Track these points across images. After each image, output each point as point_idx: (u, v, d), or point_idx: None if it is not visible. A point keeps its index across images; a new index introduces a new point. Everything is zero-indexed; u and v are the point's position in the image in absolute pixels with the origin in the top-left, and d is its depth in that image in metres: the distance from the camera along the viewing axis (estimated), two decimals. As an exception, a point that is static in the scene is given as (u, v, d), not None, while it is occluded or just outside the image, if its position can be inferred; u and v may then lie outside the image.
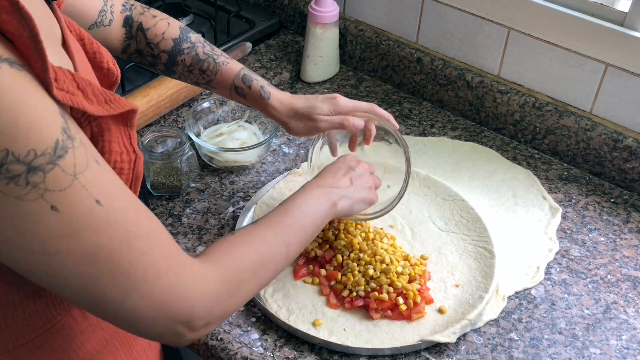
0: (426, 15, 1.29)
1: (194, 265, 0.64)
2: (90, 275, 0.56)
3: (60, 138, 0.51)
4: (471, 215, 1.04)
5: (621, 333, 0.92)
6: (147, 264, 0.58)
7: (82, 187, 0.53)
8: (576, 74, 1.15)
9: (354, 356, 0.87)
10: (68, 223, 0.53)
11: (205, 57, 0.97)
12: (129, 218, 0.57)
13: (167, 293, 0.60)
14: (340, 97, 0.97)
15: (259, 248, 0.74)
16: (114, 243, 0.56)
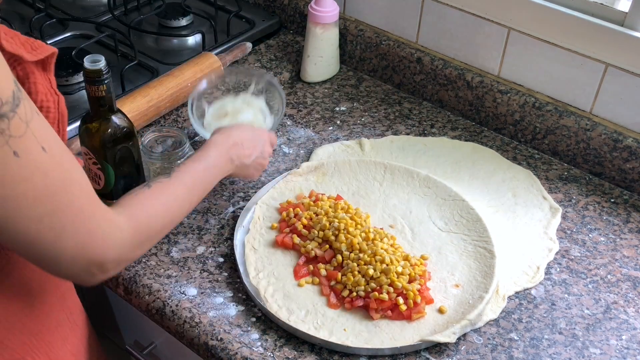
0: (426, 15, 1.29)
1: (111, 214, 0.69)
2: (35, 218, 0.60)
3: (14, 89, 0.56)
4: (471, 215, 1.04)
5: (621, 333, 0.92)
6: (78, 207, 0.63)
7: (32, 135, 0.57)
8: (576, 74, 1.15)
9: (354, 356, 0.87)
10: (25, 167, 0.57)
11: None
12: (65, 164, 0.62)
13: (88, 237, 0.65)
14: None
15: (171, 208, 0.81)
16: (57, 185, 0.61)
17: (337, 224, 0.99)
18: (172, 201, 0.81)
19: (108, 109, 0.90)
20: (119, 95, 1.20)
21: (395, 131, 1.24)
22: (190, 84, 1.22)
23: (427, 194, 1.09)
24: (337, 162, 1.13)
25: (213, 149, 0.92)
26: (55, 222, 0.62)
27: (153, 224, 0.77)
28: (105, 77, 0.85)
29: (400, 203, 1.07)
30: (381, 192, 1.09)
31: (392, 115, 1.28)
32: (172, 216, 0.81)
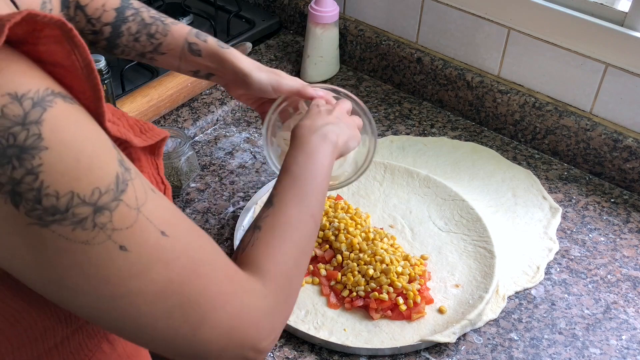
0: (426, 15, 1.29)
1: (250, 283, 0.59)
2: (161, 313, 0.51)
3: (119, 171, 0.47)
4: (471, 215, 1.04)
5: (621, 333, 0.92)
6: (214, 291, 0.54)
7: (146, 220, 0.49)
8: (576, 74, 1.15)
9: (354, 356, 0.87)
10: (138, 261, 0.49)
11: (152, 21, 0.91)
12: (193, 245, 0.53)
13: (235, 319, 0.56)
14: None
15: (294, 237, 0.67)
16: (183, 274, 0.52)
17: (337, 224, 0.99)
18: (292, 232, 0.68)
19: (108, 109, 0.90)
20: (119, 95, 1.20)
21: (395, 131, 1.24)
22: (190, 84, 1.22)
23: (427, 194, 1.09)
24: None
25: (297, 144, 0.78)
26: (191, 314, 0.52)
27: (288, 269, 0.64)
28: (105, 77, 0.85)
29: (400, 203, 1.07)
30: (381, 192, 1.09)
31: (392, 115, 1.28)
32: (299, 246, 0.68)
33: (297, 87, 0.91)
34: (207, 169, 1.14)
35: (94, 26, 0.89)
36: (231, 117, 1.26)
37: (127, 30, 0.89)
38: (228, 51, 0.90)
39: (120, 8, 0.90)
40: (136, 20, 0.90)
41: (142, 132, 0.56)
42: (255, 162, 1.16)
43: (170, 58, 0.91)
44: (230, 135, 1.22)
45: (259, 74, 0.90)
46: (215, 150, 1.18)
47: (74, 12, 0.89)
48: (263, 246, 0.65)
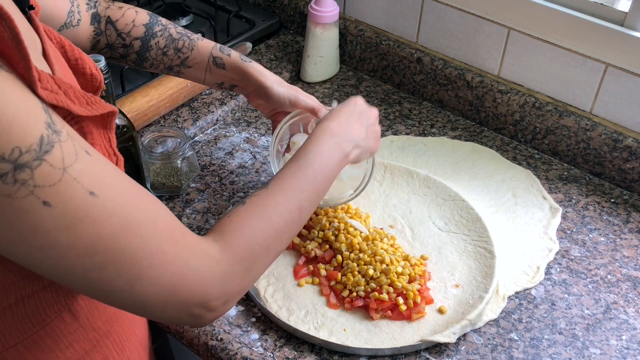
0: (426, 15, 1.29)
1: (203, 247, 0.63)
2: (94, 266, 0.56)
3: (45, 133, 0.51)
4: (471, 215, 1.04)
5: (621, 333, 0.92)
6: (152, 250, 0.58)
7: (73, 180, 0.53)
8: (576, 74, 1.15)
9: (354, 356, 0.87)
10: (63, 217, 0.53)
11: (179, 36, 0.98)
12: (128, 205, 0.57)
13: (176, 277, 0.60)
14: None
15: (272, 219, 0.71)
16: (114, 233, 0.55)
17: (337, 224, 0.99)
18: (270, 212, 0.71)
19: (108, 109, 0.90)
20: (119, 95, 1.20)
21: (395, 131, 1.24)
22: (190, 83, 1.22)
23: (427, 194, 1.09)
24: (337, 162, 1.13)
25: (311, 142, 0.82)
26: (125, 270, 0.57)
27: (254, 244, 0.68)
28: (105, 77, 0.85)
29: (400, 203, 1.07)
30: (381, 192, 1.09)
31: (392, 115, 1.28)
32: (275, 230, 0.71)
33: (312, 105, 0.97)
34: (207, 169, 1.14)
35: (124, 40, 0.96)
36: (231, 117, 1.26)
37: (155, 45, 0.97)
38: (250, 65, 0.97)
39: (149, 24, 0.97)
40: (164, 35, 0.97)
41: (88, 104, 0.59)
42: (255, 162, 1.16)
43: (196, 71, 0.99)
44: (230, 135, 1.22)
45: (279, 88, 0.97)
46: (215, 150, 1.18)
47: (105, 26, 0.96)
48: (236, 218, 0.70)
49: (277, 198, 0.73)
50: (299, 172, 0.78)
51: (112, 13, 0.96)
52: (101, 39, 0.96)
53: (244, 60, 0.97)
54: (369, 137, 0.90)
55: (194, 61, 0.98)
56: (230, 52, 0.98)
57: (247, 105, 1.28)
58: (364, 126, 0.89)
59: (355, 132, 0.87)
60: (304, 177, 0.77)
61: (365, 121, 0.90)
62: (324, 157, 0.80)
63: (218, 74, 0.98)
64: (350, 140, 0.85)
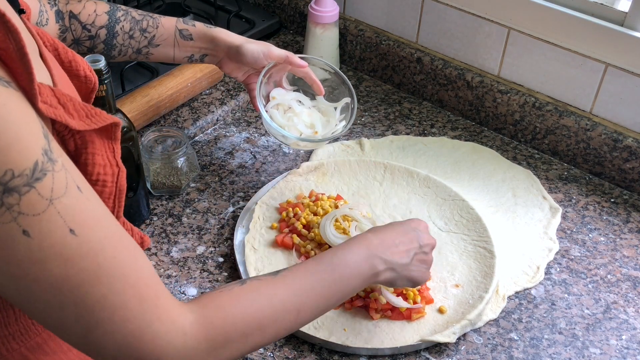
0: (426, 15, 1.29)
1: (172, 313, 0.59)
2: (54, 304, 0.53)
3: (40, 160, 0.49)
4: (471, 215, 1.04)
5: (621, 333, 0.92)
6: (115, 303, 0.55)
7: (57, 214, 0.51)
8: (576, 74, 1.15)
9: (354, 356, 0.87)
10: (38, 250, 0.51)
11: (142, 17, 0.99)
12: (105, 252, 0.54)
13: (132, 337, 0.56)
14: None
15: (261, 309, 0.65)
16: (82, 276, 0.53)
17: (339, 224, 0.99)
18: (264, 302, 0.65)
19: (108, 109, 0.90)
20: (119, 95, 1.20)
21: (395, 131, 1.24)
22: (191, 83, 1.22)
23: (427, 193, 1.09)
24: (337, 162, 1.13)
25: (348, 248, 0.74)
26: (83, 316, 0.54)
27: (230, 329, 0.62)
28: (105, 77, 0.85)
29: (400, 203, 1.07)
30: (381, 192, 1.09)
31: (392, 115, 1.28)
32: (260, 321, 0.64)
33: (286, 53, 1.01)
34: (207, 169, 1.14)
35: (89, 31, 0.97)
36: (231, 117, 1.26)
37: (121, 30, 0.97)
38: (216, 30, 0.99)
39: (110, 11, 0.97)
40: (127, 19, 0.98)
41: (88, 117, 0.58)
42: (255, 162, 1.16)
43: (165, 48, 1.00)
44: (230, 135, 1.22)
45: (249, 45, 0.99)
46: (215, 150, 1.18)
47: (69, 21, 0.96)
48: (226, 295, 0.64)
49: (278, 291, 0.67)
50: (315, 274, 0.70)
51: (73, 7, 0.96)
52: (67, 35, 0.97)
53: (209, 27, 0.99)
54: (412, 266, 0.80)
55: (160, 38, 0.99)
56: (195, 23, 0.99)
57: (247, 105, 1.28)
58: (411, 253, 0.80)
59: (397, 255, 0.78)
60: (318, 281, 0.70)
61: (416, 249, 0.81)
62: (350, 268, 0.73)
63: (186, 46, 0.99)
64: (385, 262, 0.76)
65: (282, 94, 1.08)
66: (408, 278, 0.80)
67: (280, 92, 1.08)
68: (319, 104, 1.10)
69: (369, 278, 0.75)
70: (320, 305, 0.70)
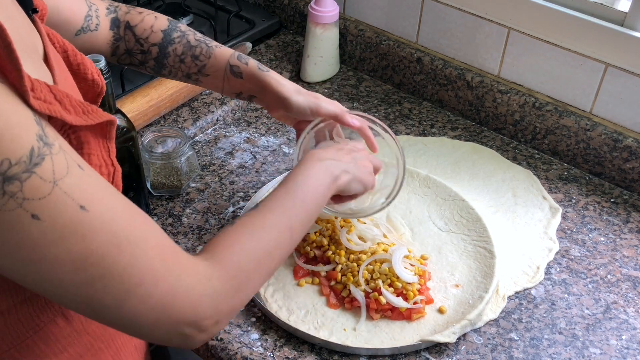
0: (426, 15, 1.29)
1: (195, 265, 0.62)
2: (81, 282, 0.54)
3: (35, 145, 0.50)
4: (471, 215, 1.04)
5: (621, 333, 0.92)
6: (142, 268, 0.57)
7: (63, 194, 0.52)
8: (576, 74, 1.15)
9: (354, 356, 0.87)
10: (51, 231, 0.52)
11: (197, 43, 0.95)
12: (118, 222, 0.56)
13: (167, 296, 0.59)
14: None
15: (262, 238, 0.71)
16: (103, 248, 0.54)
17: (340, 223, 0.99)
18: (259, 231, 0.71)
19: (108, 109, 0.90)
20: (119, 95, 1.20)
21: (395, 131, 1.24)
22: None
23: (427, 193, 1.09)
24: (337, 162, 1.12)
25: (299, 167, 0.82)
26: (113, 287, 0.55)
27: (244, 263, 0.67)
28: (105, 77, 0.85)
29: (400, 203, 1.07)
30: (381, 192, 1.09)
31: (392, 115, 1.28)
32: (265, 248, 0.70)
33: (335, 111, 0.93)
34: (207, 169, 1.15)
35: (142, 46, 0.95)
36: (231, 117, 1.26)
37: (173, 52, 0.95)
38: (268, 74, 0.94)
39: (167, 30, 0.95)
40: (182, 42, 0.95)
41: (84, 113, 0.58)
42: (255, 162, 1.16)
43: (214, 79, 0.96)
44: (230, 135, 1.22)
45: (297, 97, 0.93)
46: (215, 150, 1.18)
47: (124, 31, 0.94)
48: (226, 237, 0.69)
49: (267, 218, 0.73)
50: (287, 194, 0.77)
51: (131, 18, 0.94)
52: (120, 44, 0.95)
53: (261, 69, 0.94)
54: (359, 167, 0.87)
55: (211, 69, 0.95)
56: (248, 61, 0.94)
57: (247, 105, 1.28)
58: (353, 158, 0.87)
59: (343, 159, 0.86)
60: (293, 199, 0.76)
61: (355, 155, 0.88)
62: (312, 179, 0.80)
63: (236, 83, 0.95)
64: (337, 166, 0.83)
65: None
66: (358, 179, 0.86)
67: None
68: None
69: (331, 184, 0.82)
70: (304, 220, 0.77)
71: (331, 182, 0.82)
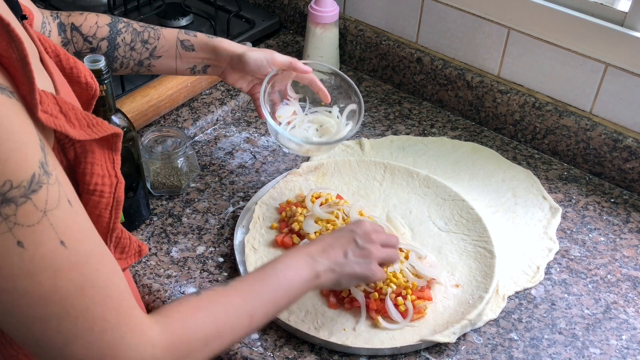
0: (426, 15, 1.29)
1: (144, 326, 0.61)
2: (38, 317, 0.54)
3: (37, 172, 0.50)
4: (471, 215, 1.04)
5: (621, 333, 0.92)
6: (96, 315, 0.56)
7: (49, 226, 0.52)
8: (576, 74, 1.15)
9: (354, 356, 0.87)
10: (30, 261, 0.51)
11: (143, 29, 0.98)
12: (90, 265, 0.56)
13: (108, 349, 0.58)
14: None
15: (219, 319, 0.68)
16: (69, 287, 0.54)
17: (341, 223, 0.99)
18: (220, 312, 0.69)
19: (108, 109, 0.90)
20: (119, 95, 1.20)
21: (395, 131, 1.24)
22: (190, 83, 1.22)
23: (427, 194, 1.09)
24: (337, 162, 1.13)
25: (290, 256, 0.79)
26: (65, 327, 0.55)
27: (193, 338, 0.65)
28: (105, 77, 0.85)
29: (400, 203, 1.07)
30: (381, 192, 1.09)
31: (392, 115, 1.28)
32: (219, 329, 0.68)
33: (289, 59, 1.00)
34: (207, 169, 1.15)
35: (91, 43, 0.96)
36: (231, 117, 1.26)
37: (122, 41, 0.97)
38: (218, 40, 0.98)
39: (112, 23, 0.97)
40: (128, 30, 0.98)
41: (89, 126, 0.58)
42: (255, 162, 1.16)
43: (166, 60, 0.99)
44: (230, 135, 1.22)
45: (252, 52, 0.98)
46: (215, 150, 1.18)
47: (71, 34, 0.96)
48: (185, 308, 0.67)
49: (232, 300, 0.71)
50: (262, 280, 0.75)
51: (74, 19, 0.96)
52: (69, 47, 0.96)
53: (210, 37, 0.98)
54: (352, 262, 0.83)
55: (162, 49, 0.98)
56: (197, 33, 0.98)
57: (247, 105, 1.28)
58: (348, 250, 0.83)
59: (332, 256, 0.82)
60: (264, 286, 0.74)
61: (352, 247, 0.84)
62: (291, 271, 0.77)
63: (188, 58, 0.98)
64: (322, 264, 0.80)
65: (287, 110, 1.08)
66: (351, 275, 0.83)
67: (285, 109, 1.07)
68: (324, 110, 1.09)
69: (311, 280, 0.79)
70: (269, 310, 0.74)
71: (311, 279, 0.79)
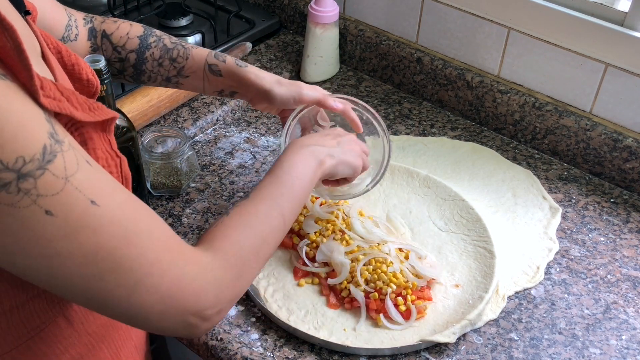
0: (426, 15, 1.29)
1: (197, 256, 0.65)
2: (93, 275, 0.56)
3: (47, 143, 0.51)
4: (471, 215, 1.04)
5: (621, 333, 0.92)
6: (150, 259, 0.59)
7: (75, 189, 0.53)
8: (576, 74, 1.15)
9: (354, 356, 0.87)
10: (65, 225, 0.53)
11: (173, 46, 0.97)
12: (126, 215, 0.57)
13: (173, 286, 0.61)
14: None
15: (257, 226, 0.73)
16: (113, 241, 0.56)
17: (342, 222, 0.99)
18: (254, 220, 0.73)
19: (108, 109, 0.90)
20: (119, 95, 1.20)
21: (395, 131, 1.24)
22: (190, 84, 1.22)
23: (427, 194, 1.09)
24: (337, 162, 1.12)
25: (284, 155, 0.83)
26: (124, 279, 0.57)
27: (242, 251, 0.70)
28: (105, 77, 0.85)
29: (400, 203, 1.07)
30: (381, 192, 1.09)
31: (392, 115, 1.28)
32: (261, 235, 0.73)
33: (317, 97, 0.94)
34: (207, 169, 1.15)
35: (119, 54, 0.95)
36: (231, 117, 1.26)
37: (150, 56, 0.96)
38: (246, 69, 0.95)
39: (143, 36, 0.96)
40: (159, 46, 0.96)
41: (90, 110, 0.60)
42: (255, 162, 1.16)
43: (194, 80, 0.97)
44: (230, 135, 1.22)
45: (279, 89, 0.94)
46: (215, 150, 1.18)
47: (101, 41, 0.95)
48: (222, 228, 0.71)
49: (259, 206, 0.75)
50: (276, 181, 0.79)
51: (107, 27, 0.95)
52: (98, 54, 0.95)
53: (239, 65, 0.95)
54: (344, 150, 0.88)
55: (190, 70, 0.96)
56: (226, 58, 0.96)
57: (247, 105, 1.28)
58: (338, 142, 0.89)
59: (328, 144, 0.87)
60: (281, 186, 0.78)
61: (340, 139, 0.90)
62: (298, 164, 0.81)
63: (216, 82, 0.96)
64: (322, 151, 0.85)
65: None
66: (345, 162, 0.87)
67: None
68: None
69: (317, 168, 0.83)
70: (294, 205, 0.79)
71: (317, 167, 0.83)
